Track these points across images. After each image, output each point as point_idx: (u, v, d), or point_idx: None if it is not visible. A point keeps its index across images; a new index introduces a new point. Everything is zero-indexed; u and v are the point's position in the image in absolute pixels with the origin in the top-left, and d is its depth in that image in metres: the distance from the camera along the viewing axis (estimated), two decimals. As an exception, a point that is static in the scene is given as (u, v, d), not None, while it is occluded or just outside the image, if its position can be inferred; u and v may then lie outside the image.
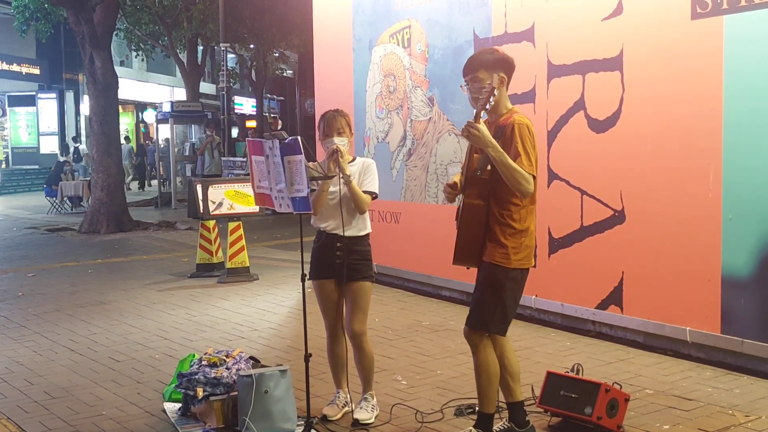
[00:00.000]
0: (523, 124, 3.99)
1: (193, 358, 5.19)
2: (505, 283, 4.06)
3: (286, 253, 11.93)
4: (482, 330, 4.12)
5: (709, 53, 5.47)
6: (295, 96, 46.85)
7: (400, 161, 8.48)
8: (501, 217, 4.03)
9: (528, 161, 3.94)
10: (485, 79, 4.06)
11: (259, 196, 4.54)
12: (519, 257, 4.05)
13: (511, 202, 4.02)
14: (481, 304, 4.12)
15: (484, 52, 4.24)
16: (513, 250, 4.03)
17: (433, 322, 7.16)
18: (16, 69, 28.50)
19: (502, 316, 4.10)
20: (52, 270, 10.89)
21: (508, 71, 4.14)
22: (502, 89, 4.09)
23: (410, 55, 8.31)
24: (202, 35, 24.62)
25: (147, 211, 19.57)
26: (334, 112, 4.73)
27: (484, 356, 4.11)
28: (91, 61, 15.47)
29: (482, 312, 4.11)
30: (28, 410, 5.10)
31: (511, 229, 4.02)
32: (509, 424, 4.29)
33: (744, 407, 4.76)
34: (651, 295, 5.95)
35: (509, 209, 4.02)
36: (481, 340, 4.12)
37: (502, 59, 4.14)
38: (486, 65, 4.10)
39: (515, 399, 4.27)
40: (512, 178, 3.90)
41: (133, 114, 36.24)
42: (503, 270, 4.04)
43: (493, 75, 4.06)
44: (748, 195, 5.31)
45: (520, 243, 4.04)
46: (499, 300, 4.07)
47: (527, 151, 3.94)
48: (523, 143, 3.94)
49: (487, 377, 4.11)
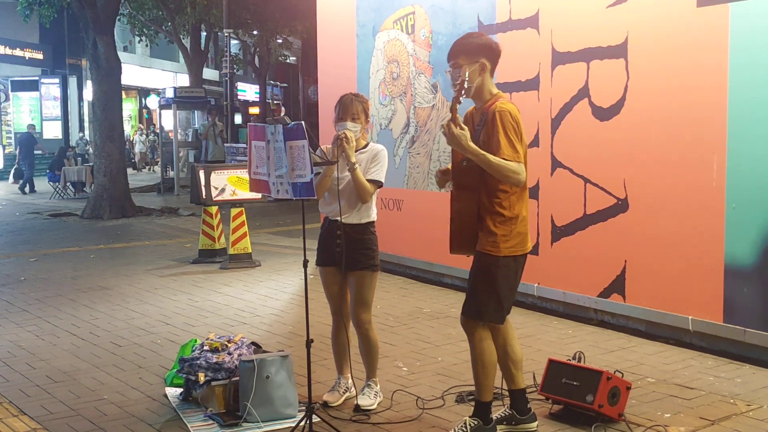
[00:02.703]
0: (505, 110, 3.92)
1: (194, 343, 5.19)
2: (497, 272, 4.01)
3: (288, 239, 11.93)
4: (477, 319, 4.09)
5: (714, 41, 5.44)
6: (298, 82, 46.81)
7: (403, 148, 8.46)
8: (490, 205, 3.98)
9: (512, 149, 3.87)
10: (465, 65, 3.99)
11: (255, 183, 4.49)
12: (509, 245, 3.99)
13: (499, 189, 3.96)
14: (475, 294, 4.10)
15: (467, 37, 4.14)
16: (503, 238, 3.98)
17: (435, 309, 7.16)
18: (19, 54, 28.49)
19: (496, 305, 4.06)
20: (55, 255, 10.90)
21: (491, 57, 4.05)
22: (485, 75, 4.02)
23: (414, 42, 8.28)
24: (206, 21, 24.58)
25: (150, 197, 19.59)
26: (352, 96, 4.66)
27: (479, 345, 4.08)
28: (94, 46, 15.45)
29: (476, 301, 4.08)
30: (30, 394, 5.10)
31: (501, 217, 3.97)
32: (510, 411, 4.29)
33: (746, 396, 4.75)
34: (653, 284, 5.94)
35: (498, 197, 3.97)
36: (476, 329, 4.09)
37: (485, 45, 4.05)
38: (467, 51, 4.02)
39: (517, 386, 4.27)
40: (499, 174, 3.86)
41: (137, 99, 36.25)
42: (494, 258, 4.00)
43: (474, 62, 3.99)
44: (751, 184, 5.29)
45: (511, 230, 3.99)
46: (492, 289, 4.04)
47: (510, 138, 3.88)
48: (506, 131, 3.88)
49: (483, 366, 4.09)
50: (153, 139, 30.13)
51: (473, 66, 3.99)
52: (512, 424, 4.26)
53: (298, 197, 4.17)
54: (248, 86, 42.56)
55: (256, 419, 4.40)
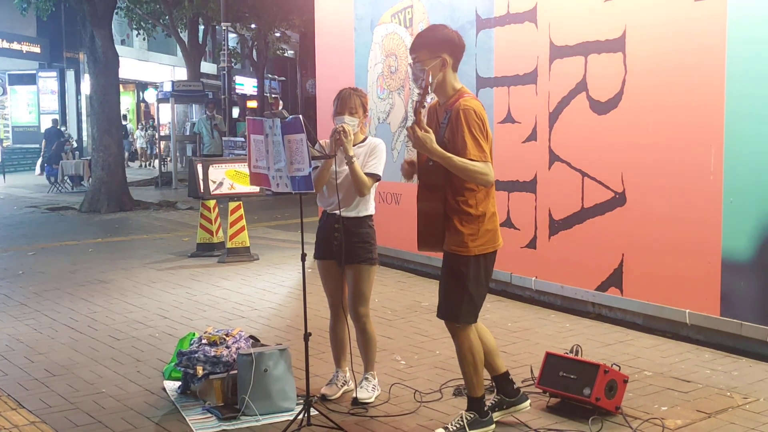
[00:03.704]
0: (469, 108, 3.84)
1: (192, 336, 5.20)
2: (467, 272, 3.95)
3: (286, 233, 11.94)
4: (452, 321, 4.04)
5: (712, 35, 5.43)
6: (296, 76, 46.72)
7: (401, 142, 8.46)
8: (456, 204, 3.91)
9: (477, 148, 3.79)
10: (426, 60, 3.90)
11: (255, 176, 4.49)
12: (478, 243, 3.92)
13: (465, 188, 3.89)
14: (447, 296, 4.04)
15: (429, 30, 4.07)
16: (470, 237, 3.91)
17: (433, 303, 7.10)
18: (16, 47, 28.39)
19: (469, 305, 4.00)
20: (53, 249, 10.90)
21: (454, 52, 3.95)
22: (447, 70, 3.93)
23: (412, 35, 8.26)
24: (203, 14, 24.51)
25: (147, 190, 19.57)
26: (350, 90, 4.65)
27: (464, 343, 4.04)
28: (91, 40, 15.41)
29: (450, 304, 4.02)
30: (28, 387, 5.11)
31: (468, 216, 3.91)
32: (498, 396, 4.29)
33: (742, 389, 4.77)
34: (651, 278, 5.95)
35: (464, 195, 3.90)
36: (459, 329, 4.05)
37: (447, 39, 3.95)
38: (428, 45, 3.93)
39: (498, 372, 4.26)
40: (467, 176, 3.81)
41: (134, 93, 36.16)
42: (463, 259, 3.94)
43: (435, 57, 3.90)
44: (749, 178, 5.29)
45: (478, 228, 3.91)
46: (464, 290, 3.97)
47: (475, 137, 3.80)
48: (470, 129, 3.80)
49: (468, 363, 4.06)
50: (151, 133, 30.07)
51: (434, 61, 3.90)
52: (504, 408, 4.27)
53: (297, 191, 4.17)
54: (246, 80, 42.46)
55: (255, 412, 4.41)
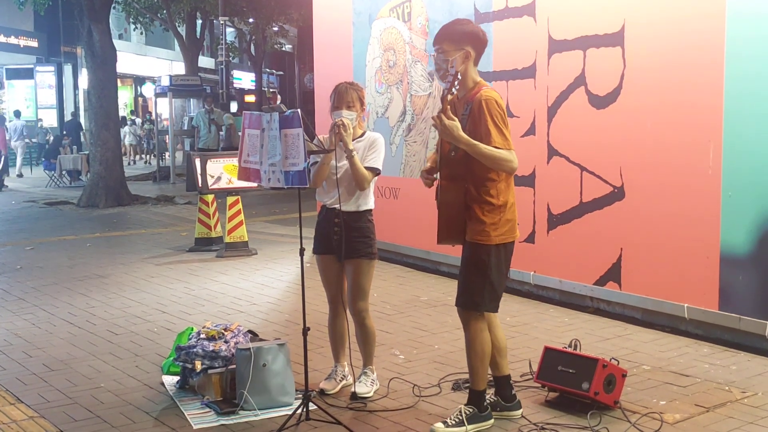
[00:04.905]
0: (491, 98, 3.92)
1: (191, 331, 5.19)
2: (489, 261, 4.01)
3: (284, 228, 11.93)
4: (473, 310, 4.09)
5: (711, 31, 5.42)
6: (294, 70, 46.67)
7: (400, 136, 8.45)
8: (478, 194, 3.98)
9: (501, 136, 3.88)
10: (450, 51, 3.99)
11: (244, 171, 4.47)
12: (499, 233, 4.00)
13: (487, 178, 3.96)
14: (468, 284, 4.09)
15: (454, 23, 4.14)
16: (492, 227, 3.98)
17: (432, 298, 7.17)
18: (13, 41, 28.30)
19: (491, 294, 4.07)
20: (51, 243, 10.88)
21: (477, 46, 4.04)
22: (469, 63, 4.02)
23: (410, 30, 8.25)
24: (201, 9, 24.49)
25: (145, 185, 19.55)
26: (347, 84, 4.66)
27: (475, 334, 4.09)
28: (89, 34, 15.37)
29: (471, 292, 4.07)
30: (26, 382, 5.11)
31: (490, 205, 3.97)
32: (496, 397, 4.30)
33: (741, 384, 4.77)
34: (649, 272, 5.95)
35: (486, 185, 3.97)
36: (473, 319, 4.09)
37: (471, 33, 4.05)
38: (452, 37, 4.02)
39: (502, 373, 4.29)
40: (493, 163, 3.87)
41: (132, 88, 36.11)
42: (485, 248, 4.00)
43: (459, 49, 3.98)
44: (748, 172, 5.29)
45: (500, 218, 3.99)
46: (486, 278, 4.03)
47: (498, 126, 3.88)
48: (493, 119, 3.88)
49: (476, 355, 4.09)
50: (149, 127, 30.02)
51: (458, 53, 3.98)
52: (497, 410, 4.27)
53: (290, 186, 4.15)
54: (244, 74, 42.42)
55: (253, 407, 4.41)
